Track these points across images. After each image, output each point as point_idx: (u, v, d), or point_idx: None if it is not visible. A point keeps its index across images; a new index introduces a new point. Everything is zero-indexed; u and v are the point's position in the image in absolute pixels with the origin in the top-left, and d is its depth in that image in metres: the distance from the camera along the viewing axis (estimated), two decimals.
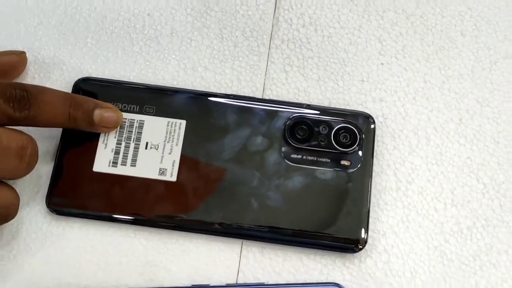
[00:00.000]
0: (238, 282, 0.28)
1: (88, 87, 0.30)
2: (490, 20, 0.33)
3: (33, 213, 0.29)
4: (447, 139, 0.31)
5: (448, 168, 0.30)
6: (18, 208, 0.27)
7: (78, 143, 0.29)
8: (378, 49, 0.32)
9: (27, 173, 0.26)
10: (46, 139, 0.30)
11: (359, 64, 0.32)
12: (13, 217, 0.27)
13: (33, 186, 0.29)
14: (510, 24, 0.33)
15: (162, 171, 0.29)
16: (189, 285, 0.27)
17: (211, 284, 0.27)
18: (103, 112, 0.28)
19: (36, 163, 0.27)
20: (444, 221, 0.29)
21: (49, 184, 0.29)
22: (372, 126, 0.30)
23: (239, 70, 0.32)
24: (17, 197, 0.27)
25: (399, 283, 0.28)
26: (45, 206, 0.29)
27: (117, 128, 0.29)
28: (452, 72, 0.32)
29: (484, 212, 0.29)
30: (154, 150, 0.29)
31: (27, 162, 0.26)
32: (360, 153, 0.29)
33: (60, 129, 0.30)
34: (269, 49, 0.32)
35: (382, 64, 0.32)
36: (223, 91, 0.31)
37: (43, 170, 0.29)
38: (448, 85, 0.32)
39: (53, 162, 0.29)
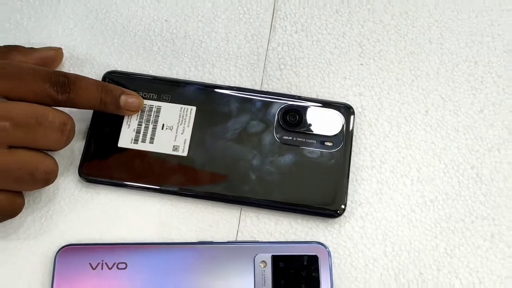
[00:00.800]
0: (237, 240, 0.33)
1: (114, 79, 0.36)
2: (453, 30, 0.39)
3: (67, 181, 0.34)
4: (415, 127, 0.36)
5: (415, 151, 0.36)
6: (57, 175, 0.32)
7: (105, 124, 0.35)
8: (359, 52, 0.38)
9: (65, 146, 0.32)
10: (78, 121, 0.35)
11: (342, 64, 0.38)
12: (52, 181, 0.32)
13: (67, 159, 0.35)
14: (471, 34, 0.39)
15: (175, 148, 0.35)
16: (196, 241, 0.33)
17: (215, 241, 0.33)
18: (128, 98, 0.34)
19: (73, 137, 0.32)
20: (411, 194, 0.35)
21: (81, 157, 0.34)
22: (352, 115, 0.36)
23: (241, 68, 0.38)
24: (57, 165, 0.32)
25: (372, 244, 0.33)
26: (77, 175, 0.34)
27: (139, 112, 0.35)
28: (420, 72, 0.38)
29: (444, 187, 0.35)
30: (169, 131, 0.35)
31: (67, 136, 0.31)
32: (341, 136, 0.35)
33: (91, 113, 0.35)
34: (266, 50, 0.38)
35: (361, 64, 0.38)
36: (227, 84, 0.37)
37: (76, 146, 0.35)
38: (416, 83, 0.37)
39: (85, 139, 0.35)
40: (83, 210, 0.34)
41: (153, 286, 0.31)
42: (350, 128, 0.35)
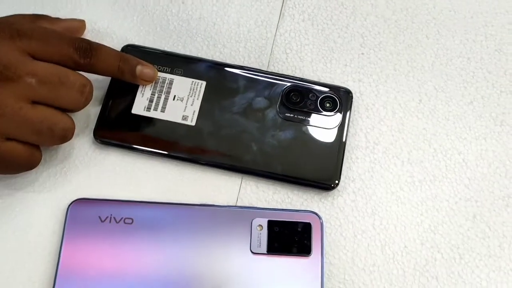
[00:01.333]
0: (236, 205, 0.36)
1: (132, 51, 0.39)
2: (450, 28, 0.42)
3: (82, 142, 0.37)
4: (408, 114, 0.39)
5: (407, 135, 0.38)
6: (73, 133, 0.35)
7: (121, 92, 0.38)
8: (360, 43, 0.41)
9: (83, 107, 0.35)
10: (96, 89, 0.38)
11: (344, 52, 0.41)
12: (69, 139, 0.34)
13: (84, 122, 0.37)
14: (465, 32, 0.41)
15: (184, 117, 0.37)
16: (199, 203, 0.35)
17: (216, 204, 0.35)
18: (144, 68, 0.37)
19: (90, 99, 0.35)
20: (401, 174, 0.37)
21: (97, 120, 0.37)
22: (351, 98, 0.38)
23: (250, 50, 0.40)
24: (74, 124, 0.35)
25: (362, 217, 0.36)
26: (92, 137, 0.37)
27: (153, 82, 0.38)
28: (416, 64, 0.40)
29: (433, 170, 0.37)
30: (179, 101, 0.38)
31: (86, 97, 0.34)
32: (339, 116, 0.38)
33: (107, 83, 0.38)
34: (274, 35, 0.41)
35: (362, 54, 0.41)
36: (236, 63, 0.40)
37: (92, 111, 0.38)
38: (412, 74, 0.40)
39: (101, 105, 0.37)
40: (95, 169, 0.36)
41: (156, 242, 0.34)
42: (348, 110, 0.38)
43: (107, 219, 0.34)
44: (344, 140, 0.37)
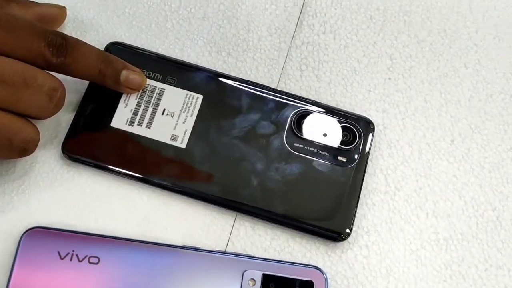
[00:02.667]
0: (226, 250, 0.30)
1: (118, 51, 0.33)
2: (493, 58, 0.36)
3: (48, 155, 0.31)
4: (437, 156, 0.33)
5: (434, 182, 0.32)
6: (37, 145, 0.28)
7: (100, 99, 0.31)
8: (388, 65, 0.35)
9: (52, 114, 0.28)
10: (71, 92, 0.32)
11: (369, 75, 0.35)
12: (31, 152, 0.28)
13: (52, 131, 0.31)
14: (510, 65, 0.36)
15: (173, 137, 0.31)
16: (181, 245, 0.29)
17: (202, 248, 0.29)
18: (130, 74, 0.31)
19: (62, 106, 0.29)
20: (423, 228, 0.31)
21: (68, 131, 0.31)
22: (372, 131, 0.32)
23: (259, 61, 0.34)
24: (38, 134, 0.28)
25: (374, 277, 0.30)
26: (60, 150, 0.30)
27: (139, 91, 0.32)
28: (451, 97, 0.35)
29: (461, 227, 0.32)
30: (169, 117, 0.31)
31: (55, 103, 0.28)
32: (357, 153, 0.32)
33: (85, 86, 0.32)
34: (289, 47, 0.35)
35: (389, 79, 0.35)
36: (241, 77, 0.33)
37: (64, 118, 0.31)
38: (445, 108, 0.34)
39: (74, 112, 0.31)
40: (60, 190, 0.30)
41: None
42: (368, 145, 0.32)
43: (68, 256, 0.28)
44: (360, 181, 0.31)
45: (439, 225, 0.32)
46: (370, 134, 0.32)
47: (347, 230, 0.30)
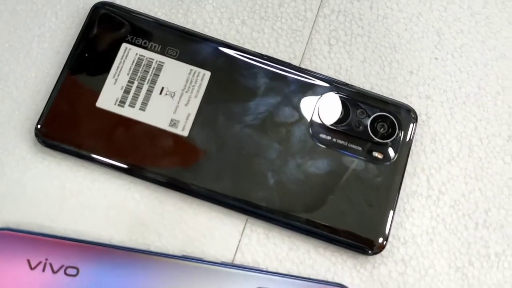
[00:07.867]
0: (234, 262, 0.25)
1: (106, 14, 0.27)
2: None
3: (18, 139, 0.25)
4: (491, 154, 0.28)
5: (487, 185, 0.27)
6: None
7: (84, 71, 0.26)
8: (435, 42, 0.29)
9: None
10: (49, 62, 0.26)
11: (411, 53, 0.29)
12: None
13: (25, 110, 0.26)
14: None
15: (173, 123, 0.25)
16: (179, 254, 0.24)
17: (205, 259, 0.24)
18: None
19: None
20: (472, 241, 0.26)
21: (43, 111, 0.25)
22: (414, 122, 0.27)
23: (279, 32, 0.28)
24: None
25: None
26: (33, 134, 0.25)
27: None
28: (509, 83, 0.29)
29: None
30: (169, 98, 0.26)
31: None
32: (395, 148, 0.26)
33: (70, 48, 0.26)
34: (316, 16, 0.29)
35: (436, 59, 0.29)
36: (258, 51, 0.28)
37: (39, 94, 0.26)
38: (503, 96, 0.29)
39: (52, 87, 0.25)
40: (33, 182, 0.25)
41: None
42: (408, 139, 0.26)
43: (40, 266, 0.23)
44: (399, 182, 0.26)
45: (490, 237, 0.26)
46: (411, 126, 0.27)
47: (381, 241, 0.25)
